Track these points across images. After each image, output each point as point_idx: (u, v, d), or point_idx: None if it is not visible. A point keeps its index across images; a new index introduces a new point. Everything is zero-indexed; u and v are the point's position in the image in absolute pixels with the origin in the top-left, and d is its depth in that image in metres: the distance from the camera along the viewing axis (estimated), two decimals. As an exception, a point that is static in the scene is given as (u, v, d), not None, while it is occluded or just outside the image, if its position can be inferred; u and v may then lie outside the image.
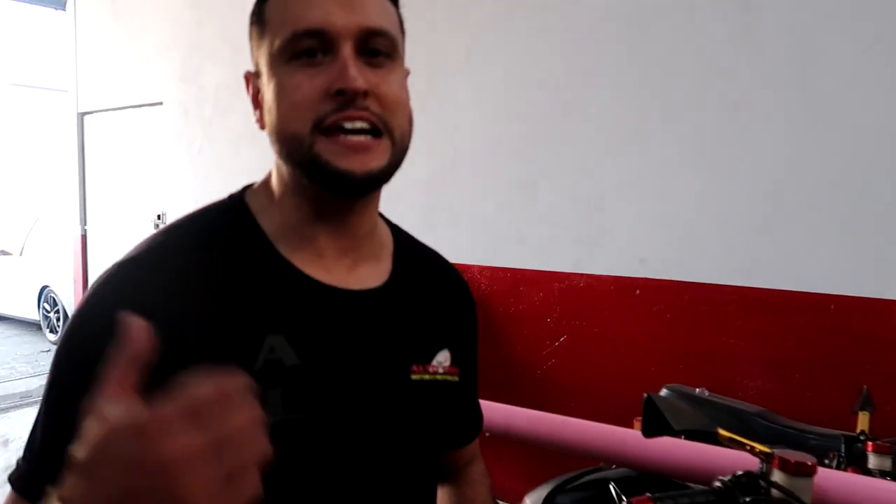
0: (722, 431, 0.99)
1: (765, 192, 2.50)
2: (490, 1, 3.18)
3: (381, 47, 0.71)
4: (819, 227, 2.40)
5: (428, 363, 0.81)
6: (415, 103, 0.77)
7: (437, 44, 3.34)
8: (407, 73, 0.78)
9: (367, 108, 0.68)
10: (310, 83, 0.68)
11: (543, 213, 3.05)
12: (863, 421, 1.50)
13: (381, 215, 0.86)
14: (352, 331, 0.74)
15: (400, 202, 3.40)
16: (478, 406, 1.01)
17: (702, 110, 2.63)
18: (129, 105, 5.38)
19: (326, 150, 0.68)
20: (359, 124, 0.68)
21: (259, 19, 0.74)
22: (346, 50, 0.68)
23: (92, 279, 5.40)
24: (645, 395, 0.96)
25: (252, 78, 0.77)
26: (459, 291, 0.92)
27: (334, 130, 0.67)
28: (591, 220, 2.92)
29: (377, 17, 0.71)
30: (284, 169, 0.74)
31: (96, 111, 5.77)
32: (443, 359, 0.83)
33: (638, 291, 2.79)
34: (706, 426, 0.97)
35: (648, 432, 0.98)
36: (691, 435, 1.02)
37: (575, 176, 2.95)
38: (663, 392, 2.22)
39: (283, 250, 0.74)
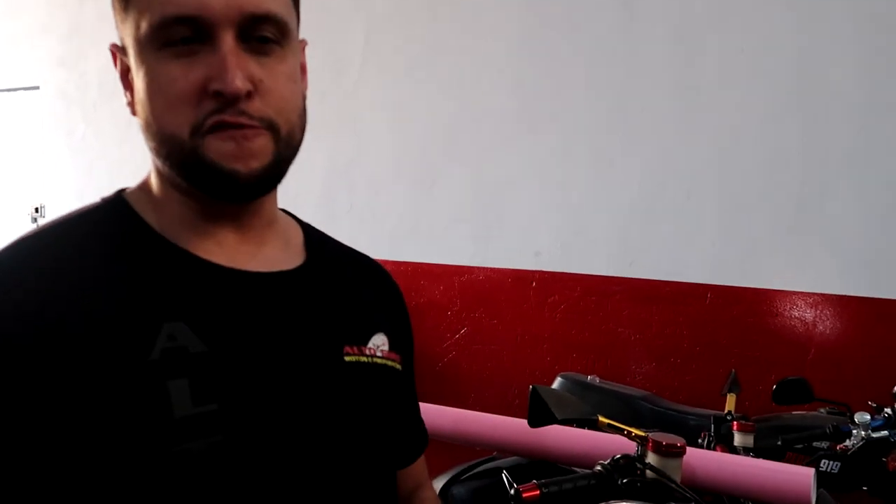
0: (602, 419, 1.05)
1: (646, 187, 2.65)
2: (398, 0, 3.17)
3: (268, 34, 0.63)
4: (695, 221, 2.57)
5: (363, 344, 0.72)
6: (315, 96, 0.73)
7: (338, 37, 3.30)
8: (303, 46, 0.72)
9: (244, 113, 0.61)
10: (185, 78, 0.60)
11: (442, 207, 3.09)
12: (730, 402, 1.63)
13: (285, 211, 0.80)
14: (267, 313, 0.67)
15: (298, 195, 3.33)
16: (420, 415, 0.90)
17: (587, 106, 2.74)
18: (0, 89, 4.98)
19: (208, 147, 0.61)
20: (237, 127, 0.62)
21: None
22: (226, 41, 0.60)
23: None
24: (531, 386, 1.00)
25: (119, 53, 0.68)
26: (385, 280, 0.84)
27: (214, 130, 0.61)
28: (487, 213, 2.99)
29: None
30: (163, 168, 0.67)
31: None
32: (380, 342, 0.74)
33: (534, 283, 2.89)
34: (587, 414, 1.03)
35: (534, 422, 1.02)
36: (574, 423, 1.07)
37: (471, 170, 3.01)
38: (557, 380, 2.32)
39: (176, 240, 0.67)
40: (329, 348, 0.69)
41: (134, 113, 0.66)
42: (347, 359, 0.70)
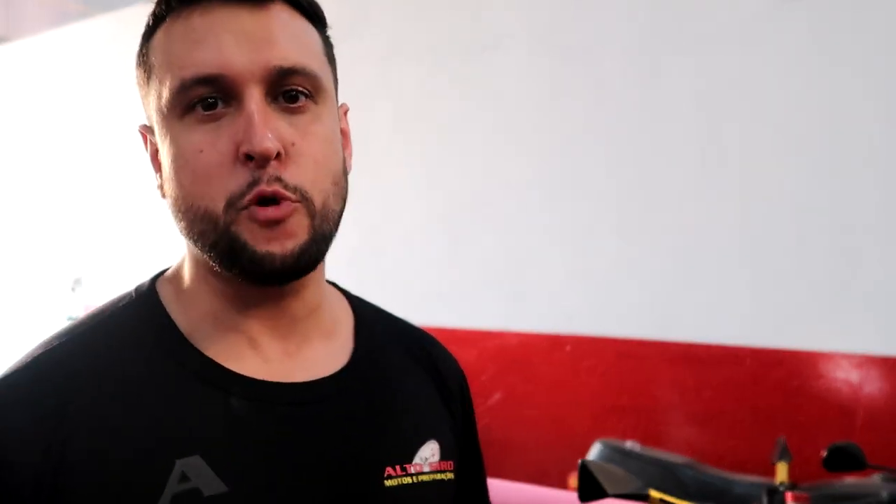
0: (653, 493, 1.03)
1: (677, 249, 2.64)
2: (416, 65, 3.28)
3: (299, 88, 0.57)
4: (729, 285, 2.54)
5: (408, 462, 0.64)
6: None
7: (367, 104, 3.41)
8: (344, 110, 0.67)
9: (279, 180, 0.55)
10: (212, 147, 0.55)
11: (471, 272, 3.10)
12: (781, 471, 1.58)
13: (335, 285, 0.74)
14: (299, 437, 0.59)
15: (327, 265, 3.38)
16: None
17: (611, 175, 2.77)
18: (45, 162, 5.20)
19: (244, 228, 0.55)
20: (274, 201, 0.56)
21: (143, 62, 0.60)
22: (254, 97, 0.55)
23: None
24: (580, 461, 0.98)
25: (147, 134, 0.63)
26: (445, 366, 0.75)
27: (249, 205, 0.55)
28: (517, 278, 2.99)
29: (291, 49, 0.57)
30: (195, 249, 0.61)
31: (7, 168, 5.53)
32: (429, 454, 0.66)
33: (568, 348, 2.86)
34: (638, 489, 1.00)
35: (584, 497, 1.00)
36: (625, 497, 1.05)
37: (499, 236, 3.03)
38: (595, 447, 2.27)
39: (202, 345, 0.59)
40: (368, 473, 0.62)
41: (163, 195, 0.61)
42: (388, 483, 0.62)
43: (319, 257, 0.60)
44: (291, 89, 0.57)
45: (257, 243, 0.55)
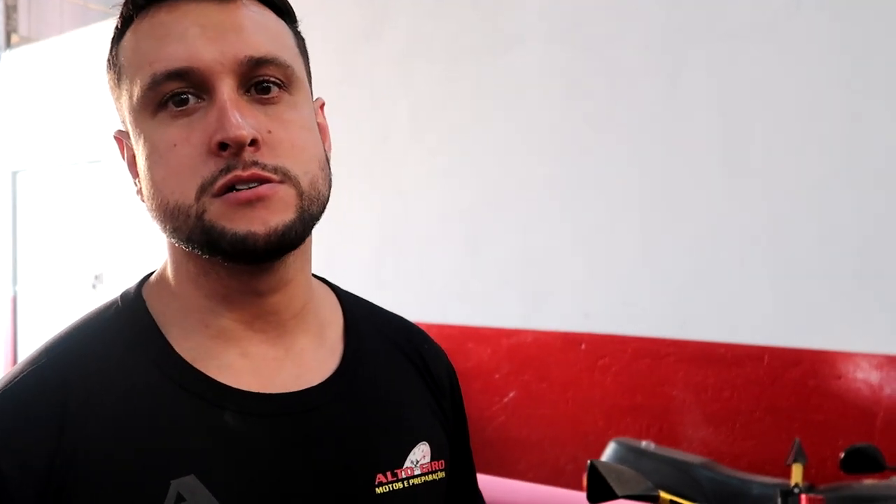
0: (663, 494, 1.02)
1: (696, 248, 2.62)
2: (435, 65, 3.28)
3: (271, 78, 0.56)
4: (749, 285, 2.52)
5: (399, 467, 0.64)
6: (364, 164, 0.63)
7: (385, 104, 3.42)
8: (320, 104, 0.65)
9: (256, 164, 0.54)
10: (185, 141, 0.54)
11: (489, 270, 3.10)
12: (796, 473, 1.56)
13: (323, 280, 0.71)
14: (290, 449, 0.58)
15: (348, 261, 3.41)
16: (479, 500, 0.79)
17: (633, 175, 2.75)
18: (66, 162, 5.27)
19: (219, 213, 0.54)
20: (253, 185, 0.54)
21: (114, 64, 0.59)
22: (225, 89, 0.54)
23: (22, 342, 5.11)
24: (588, 462, 0.98)
25: (123, 139, 0.62)
26: (435, 362, 0.73)
27: (224, 192, 0.54)
28: (535, 276, 2.99)
29: (261, 40, 0.56)
30: (175, 248, 0.60)
31: (29, 169, 5.62)
32: (420, 456, 0.65)
33: (583, 346, 2.85)
34: (648, 490, 1.00)
35: (593, 498, 1.00)
36: (634, 499, 1.04)
37: (517, 235, 3.03)
38: (611, 446, 2.26)
39: (192, 355, 0.58)
40: (359, 482, 0.61)
41: (142, 199, 0.60)
42: (380, 490, 0.62)
43: (304, 236, 0.58)
44: (263, 80, 0.56)
45: (236, 225, 0.53)
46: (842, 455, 1.81)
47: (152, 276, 0.65)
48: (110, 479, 0.52)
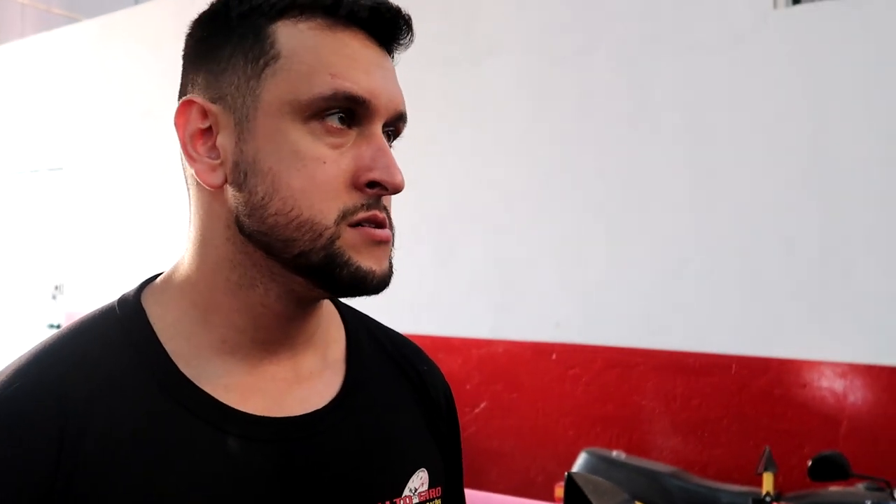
0: (639, 505, 1.01)
1: (666, 258, 2.65)
2: (407, 73, 3.27)
3: (396, 132, 0.62)
4: (717, 294, 2.55)
5: (398, 496, 0.63)
6: None
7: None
8: None
9: (386, 209, 0.59)
10: (335, 162, 0.55)
11: (460, 279, 3.09)
12: (767, 482, 1.58)
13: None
14: (293, 475, 0.58)
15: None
16: None
17: (601, 185, 2.78)
18: (26, 170, 5.13)
19: (351, 243, 0.56)
20: (383, 228, 0.58)
21: (259, 39, 0.56)
22: (380, 130, 0.58)
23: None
24: (566, 474, 0.97)
25: (209, 110, 0.57)
26: (433, 382, 0.73)
27: (360, 224, 0.56)
28: (505, 286, 2.98)
29: (403, 99, 0.61)
30: (219, 252, 0.58)
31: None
32: (418, 484, 0.65)
33: (554, 356, 2.85)
34: (625, 501, 0.99)
35: (570, 511, 0.99)
36: (611, 510, 1.03)
37: (488, 244, 3.02)
38: (582, 456, 2.26)
39: (194, 373, 0.57)
40: None
41: (220, 183, 0.57)
42: None
43: None
44: (395, 133, 0.62)
45: (362, 259, 0.56)
46: (809, 463, 1.84)
47: (157, 281, 0.63)
48: None
